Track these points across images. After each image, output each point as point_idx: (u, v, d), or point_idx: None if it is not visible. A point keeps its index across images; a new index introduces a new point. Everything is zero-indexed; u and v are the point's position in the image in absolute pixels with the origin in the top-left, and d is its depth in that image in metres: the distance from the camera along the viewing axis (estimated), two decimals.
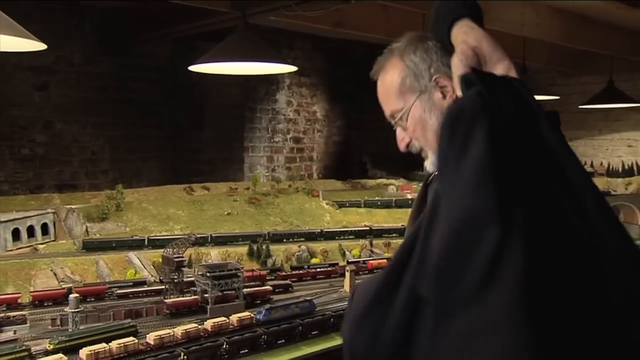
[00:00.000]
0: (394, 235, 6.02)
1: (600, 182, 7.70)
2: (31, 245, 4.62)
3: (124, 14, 6.83)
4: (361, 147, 10.09)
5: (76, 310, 3.50)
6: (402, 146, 1.56)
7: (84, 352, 3.08)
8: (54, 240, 4.83)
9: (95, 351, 3.09)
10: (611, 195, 7.81)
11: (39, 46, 2.79)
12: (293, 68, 4.62)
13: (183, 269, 4.21)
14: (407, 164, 7.95)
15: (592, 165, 8.49)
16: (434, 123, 1.47)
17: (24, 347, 3.04)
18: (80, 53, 7.13)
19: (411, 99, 1.50)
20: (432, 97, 1.47)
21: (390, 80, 1.53)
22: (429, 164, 1.54)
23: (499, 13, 5.73)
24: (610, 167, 8.42)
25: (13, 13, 2.51)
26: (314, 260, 5.29)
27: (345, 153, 10.02)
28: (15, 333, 3.34)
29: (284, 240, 5.43)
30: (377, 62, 1.56)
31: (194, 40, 7.06)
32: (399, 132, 1.57)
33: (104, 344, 3.17)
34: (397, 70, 1.52)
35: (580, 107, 7.72)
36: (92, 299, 4.11)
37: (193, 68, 4.28)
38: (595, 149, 8.79)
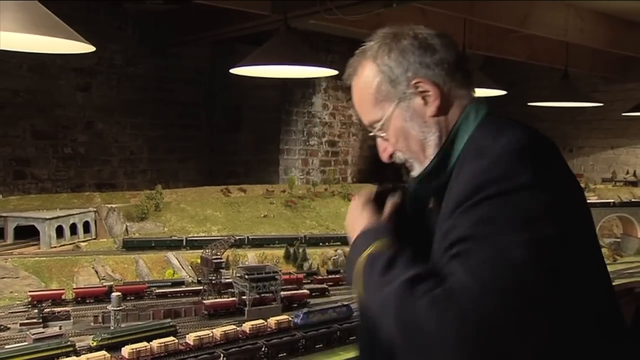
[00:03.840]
0: None
1: None
2: (74, 243, 4.72)
3: (165, 16, 6.95)
4: None
5: (118, 308, 3.55)
6: (384, 157, 1.44)
7: (126, 350, 3.12)
8: (95, 239, 4.93)
9: (137, 349, 3.12)
10: None
11: (88, 48, 2.83)
12: (333, 72, 4.61)
13: (221, 270, 4.24)
14: None
15: (634, 174, 8.27)
16: (417, 132, 1.34)
17: (69, 343, 3.09)
18: (122, 54, 7.28)
19: (389, 108, 1.35)
20: (411, 104, 1.34)
21: (364, 88, 1.39)
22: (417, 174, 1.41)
23: (542, 17, 5.64)
24: None
25: (56, 14, 2.56)
26: None
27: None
28: (60, 328, 3.40)
29: (320, 244, 5.42)
30: (349, 65, 1.42)
31: (233, 43, 7.13)
32: (380, 142, 1.44)
33: (145, 343, 3.21)
34: (371, 76, 1.37)
35: (623, 114, 7.53)
36: (132, 298, 4.17)
37: (235, 71, 4.31)
38: (638, 157, 8.55)
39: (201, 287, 4.29)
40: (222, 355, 3.19)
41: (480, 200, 1.13)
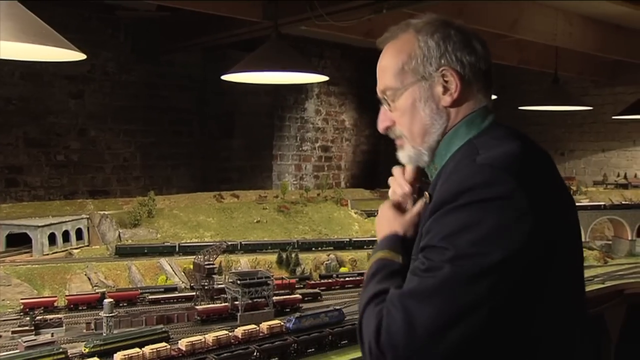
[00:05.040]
0: None
1: (635, 194, 7.53)
2: (66, 250, 4.72)
3: (157, 24, 6.97)
4: (389, 156, 10.08)
5: (110, 314, 3.55)
6: (381, 127, 1.46)
7: (118, 356, 3.12)
8: (87, 245, 4.92)
9: (129, 356, 3.13)
10: None
11: (79, 56, 2.86)
12: (325, 78, 4.65)
13: (214, 276, 4.25)
14: None
15: (625, 177, 8.33)
16: (424, 116, 1.36)
17: (61, 350, 3.10)
18: (115, 62, 7.30)
19: (409, 81, 1.37)
20: (432, 87, 1.36)
21: (396, 54, 1.39)
22: (404, 156, 1.47)
23: (531, 22, 5.69)
24: None
25: (50, 22, 2.58)
26: (342, 269, 5.28)
27: (373, 162, 10.01)
28: (52, 335, 3.41)
29: (313, 248, 5.44)
30: (390, 31, 1.44)
31: (225, 49, 7.16)
32: (383, 111, 1.45)
33: (137, 349, 3.21)
34: (407, 46, 1.38)
35: (613, 117, 7.60)
36: (125, 304, 4.17)
37: (226, 77, 4.34)
38: (629, 160, 8.62)
39: (194, 293, 4.29)
40: None
41: (455, 208, 1.16)
